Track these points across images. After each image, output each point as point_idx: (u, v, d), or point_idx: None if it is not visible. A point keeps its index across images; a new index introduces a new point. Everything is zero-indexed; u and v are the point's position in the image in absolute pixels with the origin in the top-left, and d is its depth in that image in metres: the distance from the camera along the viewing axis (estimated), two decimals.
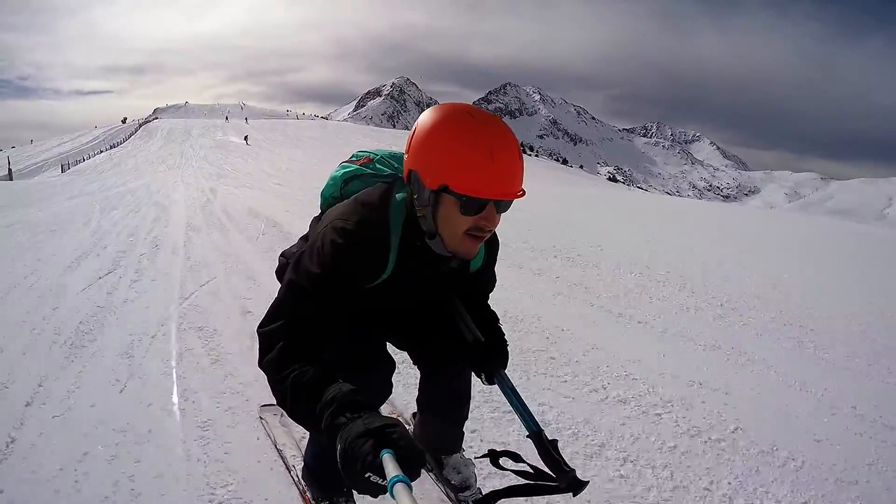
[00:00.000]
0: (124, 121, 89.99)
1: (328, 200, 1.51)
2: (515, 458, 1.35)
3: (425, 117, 1.18)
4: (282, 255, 1.57)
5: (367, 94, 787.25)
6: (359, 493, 1.35)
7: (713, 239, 9.47)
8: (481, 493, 1.70)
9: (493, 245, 1.50)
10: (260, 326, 1.18)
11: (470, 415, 1.82)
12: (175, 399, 2.28)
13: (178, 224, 6.49)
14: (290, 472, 1.80)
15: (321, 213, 1.46)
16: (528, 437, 1.32)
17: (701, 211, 18.39)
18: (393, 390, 1.61)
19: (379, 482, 0.84)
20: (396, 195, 1.27)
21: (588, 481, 1.23)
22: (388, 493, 0.79)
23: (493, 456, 1.40)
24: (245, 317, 3.29)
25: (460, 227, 1.15)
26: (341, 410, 0.96)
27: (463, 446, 1.80)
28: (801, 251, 8.96)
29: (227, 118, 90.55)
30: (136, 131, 57.72)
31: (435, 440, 1.77)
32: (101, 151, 42.02)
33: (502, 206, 1.16)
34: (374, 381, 1.38)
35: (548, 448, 1.28)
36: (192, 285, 3.93)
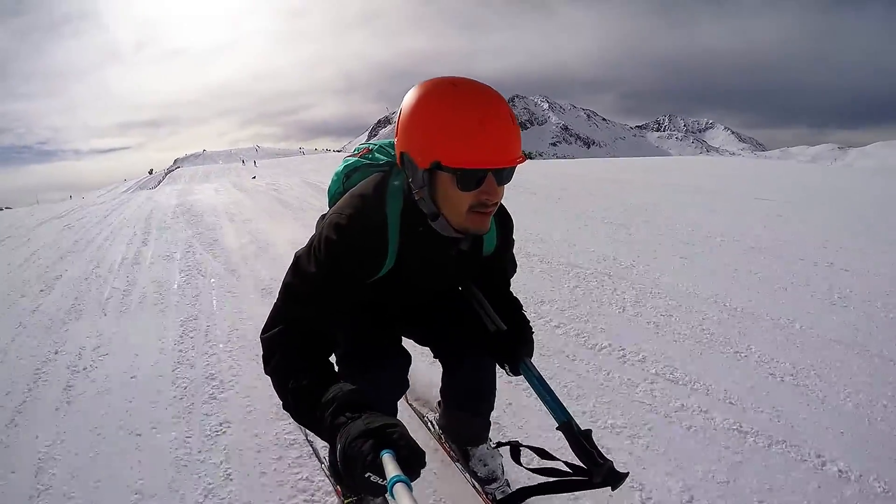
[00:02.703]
0: (151, 171, 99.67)
1: (334, 197, 1.47)
2: (542, 454, 1.24)
3: (409, 95, 1.08)
4: (295, 255, 1.43)
5: (377, 123, 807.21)
6: (359, 494, 1.48)
7: None
8: (508, 485, 1.66)
9: (505, 224, 1.41)
10: (262, 333, 1.13)
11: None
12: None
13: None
14: (321, 465, 1.79)
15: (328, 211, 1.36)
16: (557, 428, 1.21)
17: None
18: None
19: (379, 482, 0.81)
20: (392, 182, 1.20)
21: (627, 472, 1.11)
22: (388, 493, 0.76)
23: (515, 450, 1.28)
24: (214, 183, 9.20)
25: (462, 204, 1.06)
26: (341, 410, 0.94)
27: (490, 437, 1.73)
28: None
29: (243, 161, 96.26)
30: (163, 178, 64.88)
31: (460, 432, 1.75)
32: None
33: (503, 175, 1.06)
34: (388, 377, 1.31)
35: (579, 439, 1.16)
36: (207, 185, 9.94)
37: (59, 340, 2.83)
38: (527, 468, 1.25)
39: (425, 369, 1.85)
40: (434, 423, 1.92)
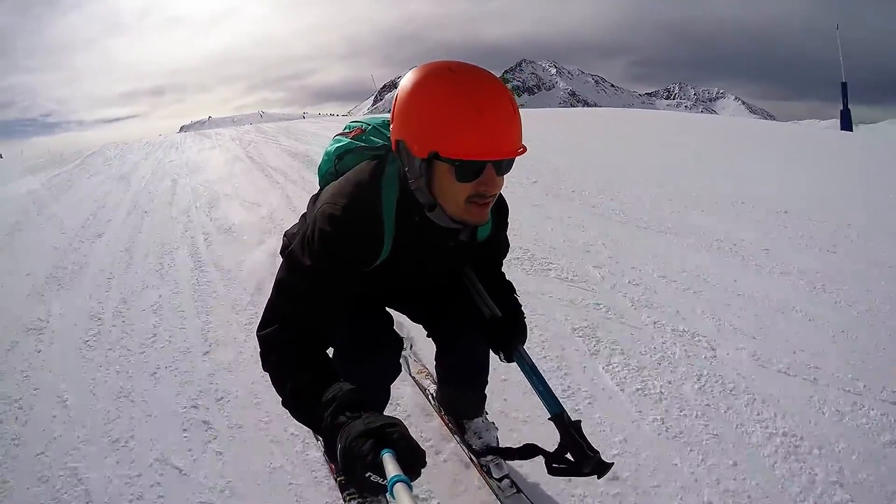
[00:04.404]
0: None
1: (325, 178, 1.45)
2: (533, 450, 1.25)
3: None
4: (284, 235, 1.48)
5: (383, 87, 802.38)
6: (359, 493, 1.50)
7: None
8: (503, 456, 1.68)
9: (501, 212, 1.41)
10: (258, 330, 1.14)
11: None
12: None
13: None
14: (318, 442, 1.82)
15: (319, 192, 1.40)
16: (549, 419, 1.24)
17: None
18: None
19: (379, 482, 0.82)
20: (388, 168, 1.18)
21: (612, 463, 1.17)
22: (388, 493, 0.78)
23: (507, 454, 1.34)
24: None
25: (459, 195, 1.05)
26: (341, 410, 0.94)
27: (486, 409, 1.76)
28: None
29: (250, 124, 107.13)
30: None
31: (455, 406, 1.79)
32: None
33: (502, 167, 1.04)
34: (381, 363, 1.34)
35: (570, 430, 1.19)
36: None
37: (168, 150, 12.32)
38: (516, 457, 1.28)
39: (427, 341, 1.91)
40: (433, 395, 1.96)
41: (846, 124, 16.23)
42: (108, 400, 2.19)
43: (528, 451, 1.25)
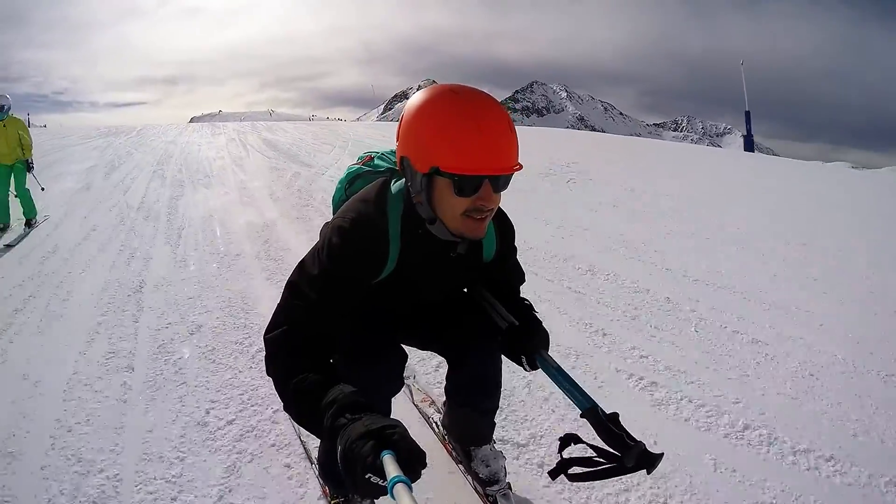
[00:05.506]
0: None
1: (337, 204, 1.52)
2: (575, 439, 1.19)
3: (411, 101, 1.14)
4: (302, 259, 1.41)
5: (394, 97, 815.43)
6: (359, 495, 1.46)
7: None
8: (510, 487, 1.65)
9: (505, 231, 1.45)
10: (265, 333, 1.17)
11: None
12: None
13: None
14: (312, 465, 1.82)
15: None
16: (581, 416, 1.18)
17: None
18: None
19: (379, 483, 0.82)
20: (393, 186, 1.26)
21: (662, 454, 1.07)
22: (388, 494, 0.78)
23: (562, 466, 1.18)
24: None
25: (457, 208, 1.10)
26: (342, 411, 0.96)
27: (493, 437, 1.73)
28: None
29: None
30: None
31: (464, 431, 1.75)
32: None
33: (500, 183, 1.11)
34: (384, 373, 1.35)
35: (606, 423, 1.12)
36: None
37: (192, 133, 19.57)
38: (564, 460, 1.16)
39: (430, 369, 1.92)
40: (438, 423, 1.95)
41: (749, 146, 20.48)
42: (194, 158, 11.53)
43: (567, 463, 1.15)
